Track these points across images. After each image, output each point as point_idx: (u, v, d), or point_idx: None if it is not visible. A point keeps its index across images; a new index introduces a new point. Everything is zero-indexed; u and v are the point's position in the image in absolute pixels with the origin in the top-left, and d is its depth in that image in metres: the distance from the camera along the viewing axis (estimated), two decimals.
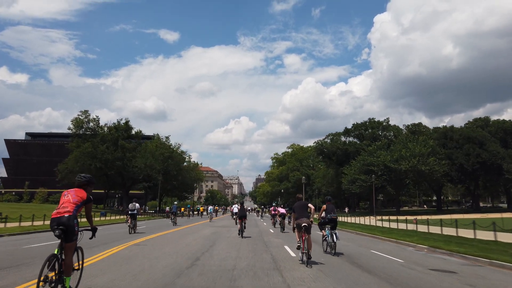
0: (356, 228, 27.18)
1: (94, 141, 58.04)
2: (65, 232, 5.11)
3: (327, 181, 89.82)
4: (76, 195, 5.40)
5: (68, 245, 5.20)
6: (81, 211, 5.57)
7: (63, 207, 5.26)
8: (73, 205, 5.28)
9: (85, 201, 5.48)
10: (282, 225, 23.76)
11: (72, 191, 5.50)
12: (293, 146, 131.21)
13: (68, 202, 5.31)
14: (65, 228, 5.10)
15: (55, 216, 5.18)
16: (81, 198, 5.41)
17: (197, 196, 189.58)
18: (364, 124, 75.55)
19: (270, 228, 27.49)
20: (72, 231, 5.17)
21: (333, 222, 12.08)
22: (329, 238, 12.01)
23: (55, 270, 5.01)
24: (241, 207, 19.13)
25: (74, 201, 5.32)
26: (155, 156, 58.40)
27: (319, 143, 79.24)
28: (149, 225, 30.35)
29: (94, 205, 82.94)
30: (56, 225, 5.12)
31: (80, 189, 5.54)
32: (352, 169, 64.21)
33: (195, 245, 13.54)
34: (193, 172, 72.71)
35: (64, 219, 5.12)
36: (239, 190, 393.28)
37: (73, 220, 5.18)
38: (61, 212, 5.18)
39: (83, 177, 5.72)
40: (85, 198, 5.47)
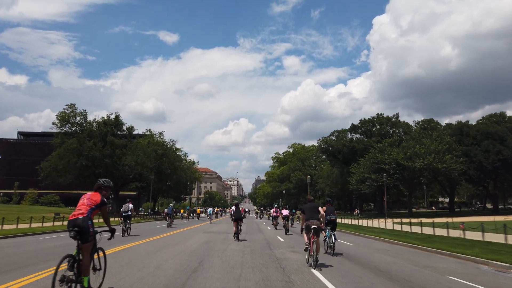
0: (380, 234, 22.35)
1: (80, 137, 53.06)
2: (80, 233, 5.33)
3: (331, 181, 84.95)
4: (91, 199, 5.67)
5: (84, 245, 5.40)
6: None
7: (78, 209, 5.54)
8: (88, 208, 5.53)
9: (99, 204, 5.69)
10: (286, 227, 23.19)
11: (88, 194, 5.78)
12: (294, 146, 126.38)
13: (83, 205, 5.58)
14: (79, 229, 5.33)
15: (71, 219, 5.46)
16: (95, 202, 5.66)
17: (195, 197, 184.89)
18: (372, 120, 70.74)
19: (276, 233, 22.67)
20: (86, 232, 5.38)
21: (332, 224, 12.44)
22: (328, 239, 12.30)
23: (73, 270, 5.18)
24: (236, 209, 18.06)
25: (88, 204, 5.59)
26: (146, 153, 53.39)
27: (323, 140, 74.36)
28: (138, 228, 25.55)
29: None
30: (71, 227, 5.37)
31: (95, 193, 5.81)
32: (360, 168, 59.37)
33: (171, 267, 8.67)
34: (189, 171, 67.59)
35: (79, 221, 5.38)
36: (238, 192, 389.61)
37: (87, 222, 5.41)
38: (76, 215, 5.45)
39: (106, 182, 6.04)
40: (99, 201, 5.70)
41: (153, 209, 72.67)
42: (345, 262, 10.65)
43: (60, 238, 16.84)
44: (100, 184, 5.95)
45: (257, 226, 31.87)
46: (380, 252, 13.59)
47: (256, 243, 15.43)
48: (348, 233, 26.20)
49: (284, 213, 24.61)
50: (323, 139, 74.43)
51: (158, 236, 19.00)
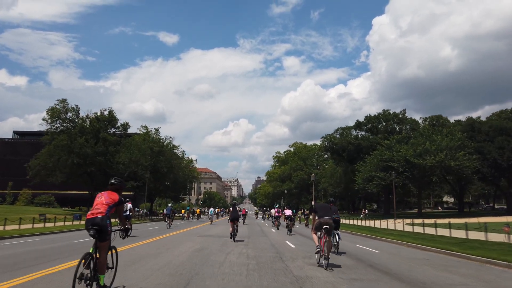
0: (402, 238, 19.40)
1: (71, 133, 50.07)
2: (99, 231, 5.29)
3: (334, 181, 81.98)
4: (109, 197, 5.61)
5: (102, 244, 5.40)
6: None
7: (96, 208, 5.45)
8: (106, 206, 5.46)
9: (117, 203, 5.67)
10: (289, 227, 22.83)
11: (105, 193, 5.72)
12: (295, 145, 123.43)
13: (101, 204, 5.50)
14: (99, 228, 5.29)
15: (90, 217, 5.40)
16: (113, 200, 5.61)
17: (194, 197, 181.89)
18: (378, 117, 67.74)
19: (283, 237, 19.69)
20: (105, 231, 5.35)
21: (335, 223, 12.56)
22: (332, 238, 11.64)
23: (90, 268, 5.18)
24: (233, 209, 18.00)
25: (106, 202, 5.52)
26: (141, 151, 50.40)
27: (327, 138, 71.33)
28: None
29: (77, 207, 74.50)
30: (90, 225, 5.33)
31: (113, 192, 5.75)
32: (367, 166, 56.36)
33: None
34: (186, 170, 64.47)
35: (98, 219, 5.31)
36: (238, 192, 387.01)
37: (105, 220, 5.36)
38: (95, 213, 5.38)
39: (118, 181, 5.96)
40: (117, 200, 5.67)
41: (150, 210, 69.70)
42: (385, 279, 7.72)
43: (24, 244, 13.83)
44: (114, 183, 5.89)
45: (259, 228, 28.89)
46: (422, 263, 10.61)
47: (262, 251, 12.41)
48: (363, 236, 23.25)
49: (287, 213, 24.07)
50: (327, 136, 71.45)
51: (146, 240, 16.04)
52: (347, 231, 27.58)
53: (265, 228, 30.11)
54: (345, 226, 33.78)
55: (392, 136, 58.60)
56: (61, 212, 51.47)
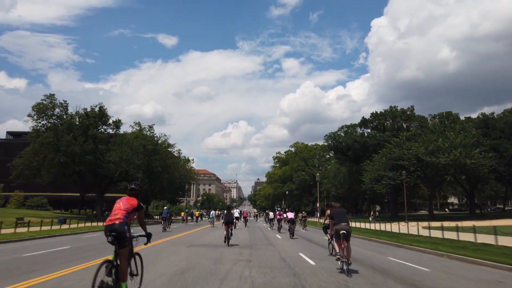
0: (437, 247, 15.91)
1: (58, 130, 46.45)
2: (117, 238, 5.22)
3: (338, 181, 78.44)
4: (127, 203, 5.55)
5: (121, 251, 5.30)
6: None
7: (114, 214, 5.41)
8: (124, 212, 5.41)
9: (136, 208, 5.59)
10: (291, 230, 22.16)
11: (124, 199, 5.65)
12: (296, 145, 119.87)
13: (119, 210, 5.46)
14: (117, 234, 5.22)
15: (108, 224, 5.34)
16: (132, 206, 5.54)
17: (193, 200, 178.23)
18: (384, 114, 64.28)
19: (295, 247, 16.12)
20: (123, 237, 5.27)
21: None
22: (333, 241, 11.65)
23: (112, 276, 5.09)
24: (227, 212, 17.33)
25: (124, 208, 5.46)
26: (133, 148, 46.82)
27: (331, 136, 67.81)
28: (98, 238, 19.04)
29: (71, 210, 70.71)
30: (108, 231, 5.25)
31: (131, 197, 5.69)
32: (375, 165, 52.86)
33: None
34: (182, 170, 60.77)
35: (116, 225, 5.26)
36: (237, 194, 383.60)
37: (123, 227, 5.28)
38: (113, 220, 5.33)
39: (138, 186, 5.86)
40: (136, 205, 5.59)
41: (145, 213, 66.11)
42: None
43: None
44: (133, 188, 5.78)
45: (262, 234, 25.37)
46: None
47: (272, 272, 8.83)
48: (385, 243, 19.73)
49: (289, 216, 23.15)
50: (331, 134, 67.93)
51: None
52: (362, 236, 24.10)
53: (268, 233, 26.60)
54: (357, 230, 30.29)
55: (402, 133, 55.13)
56: (50, 215, 47.94)
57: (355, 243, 18.78)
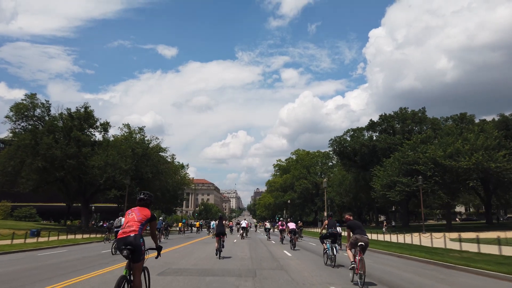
0: (497, 267, 11.30)
1: (37, 132, 41.85)
2: (132, 252, 4.95)
3: (344, 189, 73.71)
4: (141, 213, 5.29)
5: (136, 265, 5.05)
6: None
7: (129, 226, 5.13)
8: (138, 224, 5.14)
9: (150, 219, 5.34)
10: (293, 242, 20.98)
11: (135, 209, 5.40)
12: (297, 152, 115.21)
13: (133, 221, 5.17)
14: (132, 247, 4.94)
15: (121, 236, 5.04)
16: (145, 216, 5.28)
17: (191, 210, 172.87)
18: (394, 116, 59.88)
19: (315, 269, 11.46)
20: (139, 251, 5.01)
21: (333, 237, 12.81)
22: (329, 251, 12.53)
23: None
24: (218, 223, 16.29)
25: (139, 219, 5.18)
26: (120, 152, 42.16)
27: (336, 140, 63.25)
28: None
29: (55, 223, 65.58)
30: (123, 245, 4.96)
31: (143, 208, 5.44)
32: (387, 170, 48.24)
33: None
34: (176, 177, 55.87)
35: (131, 238, 4.98)
36: (237, 204, 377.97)
37: (139, 239, 5.02)
38: (127, 232, 5.04)
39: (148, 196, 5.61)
40: (149, 216, 5.34)
41: None
42: None
43: None
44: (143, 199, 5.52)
45: (265, 249, 20.64)
46: None
47: None
48: (424, 261, 15.15)
49: (291, 226, 22.27)
50: (336, 139, 63.33)
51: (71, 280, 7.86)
52: (387, 251, 19.61)
53: (273, 247, 21.89)
54: (376, 243, 25.63)
55: (416, 135, 50.68)
56: (30, 226, 43.01)
57: (383, 261, 15.13)
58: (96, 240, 29.59)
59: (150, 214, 5.36)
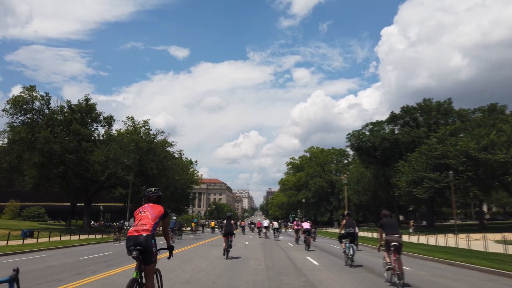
0: None
1: (34, 125, 39.06)
2: (142, 253, 4.49)
3: (362, 187, 69.58)
4: (154, 211, 4.82)
5: (147, 267, 4.59)
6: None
7: (141, 224, 4.66)
8: (152, 223, 4.68)
9: (163, 216, 4.90)
10: (308, 242, 20.13)
11: (147, 206, 4.90)
12: (311, 149, 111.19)
13: (146, 219, 4.70)
14: (143, 248, 4.48)
15: (132, 235, 4.59)
16: (159, 213, 4.83)
17: (203, 209, 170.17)
18: (416, 108, 55.61)
19: None
20: (150, 252, 4.54)
21: (351, 236, 12.68)
22: (348, 251, 12.40)
23: None
24: (227, 222, 15.73)
25: (152, 218, 4.72)
26: (123, 146, 39.07)
27: (354, 135, 59.22)
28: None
29: (53, 222, 62.92)
30: (133, 245, 4.51)
31: (155, 204, 4.97)
32: (413, 165, 44.16)
33: None
34: (183, 173, 52.47)
35: (142, 238, 4.51)
36: (249, 204, 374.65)
37: (151, 240, 4.56)
38: (139, 230, 4.58)
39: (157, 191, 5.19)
40: (163, 212, 4.90)
41: None
42: None
43: None
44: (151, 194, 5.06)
45: (284, 254, 17.03)
46: None
47: None
48: (485, 272, 11.42)
49: (305, 226, 21.57)
50: (354, 133, 59.29)
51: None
52: (430, 257, 15.95)
53: (292, 252, 18.28)
54: (412, 246, 21.87)
55: (445, 126, 46.50)
56: (29, 226, 40.30)
57: (431, 271, 12.47)
58: (93, 242, 26.48)
59: (164, 210, 4.93)
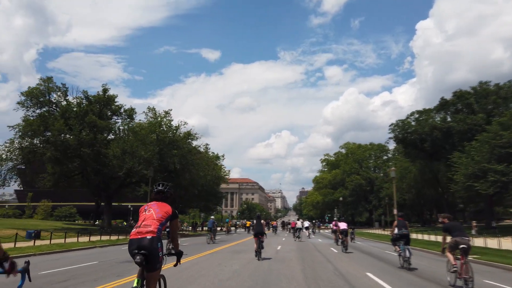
0: None
1: (47, 117, 36.16)
2: (147, 257, 3.91)
3: (406, 185, 63.07)
4: (161, 210, 4.23)
5: (151, 274, 4.01)
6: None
7: (145, 225, 4.11)
8: (157, 223, 4.11)
9: (171, 217, 4.28)
10: (345, 243, 19.15)
11: (153, 204, 4.31)
12: (347, 145, 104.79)
13: (151, 219, 4.14)
14: (147, 253, 3.91)
15: (135, 237, 4.02)
16: (166, 213, 4.23)
17: (236, 209, 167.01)
18: (471, 93, 48.73)
19: None
20: (155, 257, 3.98)
21: (405, 238, 12.11)
22: (403, 253, 11.98)
23: None
24: (257, 222, 15.57)
25: (158, 218, 4.15)
26: (140, 138, 35.42)
27: (398, 125, 52.98)
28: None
29: (81, 222, 60.70)
30: (136, 249, 3.94)
31: (163, 203, 4.34)
32: (474, 156, 37.76)
33: None
34: (209, 169, 48.09)
35: (146, 241, 3.95)
36: (282, 204, 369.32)
37: (156, 243, 4.00)
38: (143, 232, 4.02)
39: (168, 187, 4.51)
40: (171, 213, 4.28)
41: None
42: None
43: None
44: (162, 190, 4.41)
45: (332, 269, 12.13)
46: None
47: None
48: None
49: (342, 226, 20.26)
50: (398, 123, 52.99)
51: None
52: None
53: (342, 264, 13.38)
54: (494, 253, 16.46)
55: (508, 111, 39.78)
56: (51, 226, 37.70)
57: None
58: (102, 245, 22.71)
59: (172, 210, 4.28)
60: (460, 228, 8.91)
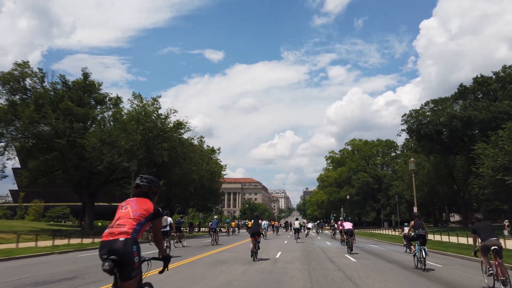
0: None
1: (16, 104, 31.93)
2: (118, 264, 3.15)
3: (420, 181, 58.42)
4: (140, 207, 3.48)
5: (126, 284, 3.21)
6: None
7: (119, 225, 3.36)
8: (133, 223, 3.38)
9: (152, 216, 3.53)
10: (350, 244, 18.59)
11: (132, 201, 3.57)
12: (353, 142, 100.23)
13: (126, 218, 3.40)
14: (119, 258, 3.16)
15: (107, 239, 3.30)
16: (146, 211, 3.48)
17: (238, 209, 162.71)
18: (494, 78, 44.13)
19: None
20: (130, 263, 3.21)
21: (421, 238, 12.06)
22: (418, 254, 11.96)
23: None
24: (254, 222, 15.70)
25: (135, 216, 3.41)
26: (124, 128, 31.10)
27: (412, 115, 48.31)
28: None
29: (71, 223, 56.28)
30: (106, 253, 3.19)
31: (143, 199, 3.58)
32: (504, 146, 33.10)
33: None
34: (203, 163, 43.53)
35: (119, 244, 3.21)
36: (286, 204, 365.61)
37: (131, 246, 3.25)
38: (115, 233, 3.29)
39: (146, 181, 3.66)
40: (152, 211, 3.53)
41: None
42: None
43: None
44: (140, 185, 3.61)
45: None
46: None
47: None
48: None
49: (347, 226, 19.55)
50: (411, 113, 48.34)
51: None
52: None
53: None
54: None
55: None
56: (38, 227, 33.64)
57: None
58: (63, 250, 18.29)
59: (153, 208, 3.53)
60: (488, 229, 8.75)
